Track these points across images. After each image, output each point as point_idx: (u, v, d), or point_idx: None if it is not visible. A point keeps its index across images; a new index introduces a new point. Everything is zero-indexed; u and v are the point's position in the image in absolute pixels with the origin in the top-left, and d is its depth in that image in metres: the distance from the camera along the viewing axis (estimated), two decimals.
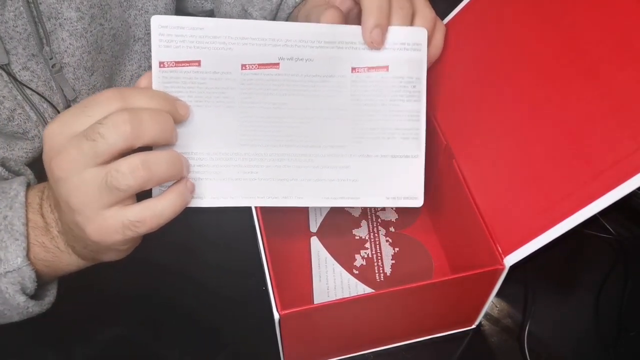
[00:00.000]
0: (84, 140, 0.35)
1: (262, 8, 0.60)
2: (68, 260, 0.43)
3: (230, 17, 0.64)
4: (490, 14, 0.49)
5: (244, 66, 0.43)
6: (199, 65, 0.42)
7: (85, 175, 0.36)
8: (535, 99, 0.43)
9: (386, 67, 0.45)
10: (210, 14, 0.69)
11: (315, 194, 0.44)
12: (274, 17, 0.60)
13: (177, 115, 0.40)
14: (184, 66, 0.42)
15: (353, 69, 0.44)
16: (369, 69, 0.45)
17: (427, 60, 0.46)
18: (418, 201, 0.46)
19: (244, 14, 0.62)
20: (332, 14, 0.46)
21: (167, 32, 0.42)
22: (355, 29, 0.44)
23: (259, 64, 0.43)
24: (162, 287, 0.53)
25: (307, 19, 0.50)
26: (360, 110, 0.45)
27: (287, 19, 0.60)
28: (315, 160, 0.44)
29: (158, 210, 0.38)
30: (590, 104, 0.39)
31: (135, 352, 0.49)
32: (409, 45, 0.45)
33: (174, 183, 0.40)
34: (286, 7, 0.59)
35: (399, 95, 0.45)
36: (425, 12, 0.46)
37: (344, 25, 0.44)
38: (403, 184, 0.45)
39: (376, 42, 0.44)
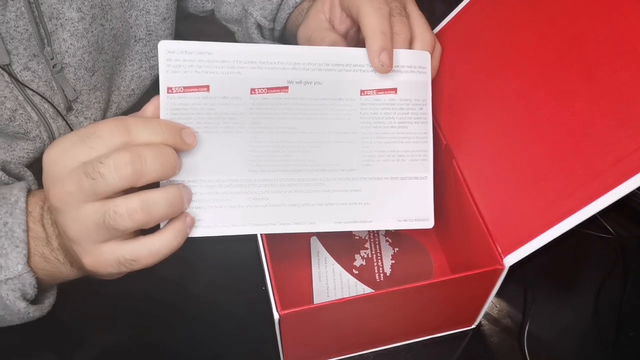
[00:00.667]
0: (83, 177, 0.35)
1: (262, 8, 0.60)
2: (68, 272, 0.43)
3: (231, 16, 0.64)
4: (490, 14, 0.49)
5: (253, 90, 0.42)
6: (208, 90, 0.41)
7: (82, 210, 0.36)
8: (535, 99, 0.43)
9: (395, 90, 0.45)
10: (211, 14, 0.69)
11: (327, 218, 0.44)
12: (274, 17, 0.60)
13: (183, 145, 0.39)
14: (192, 91, 0.41)
15: (362, 91, 0.44)
16: (378, 91, 0.45)
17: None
18: (429, 222, 0.47)
19: (245, 14, 0.62)
20: (333, 39, 0.47)
21: (175, 57, 0.41)
22: (362, 52, 0.44)
23: (267, 88, 0.42)
24: (161, 288, 0.53)
25: (309, 42, 0.50)
26: (370, 133, 0.45)
27: (287, 20, 0.60)
28: (326, 184, 0.44)
29: (154, 249, 0.38)
30: (589, 104, 0.39)
31: (134, 352, 0.49)
32: (415, 68, 0.45)
33: (173, 218, 0.39)
34: (287, 7, 0.59)
35: (407, 117, 0.45)
36: (425, 36, 0.47)
37: (352, 48, 0.44)
38: (413, 206, 0.46)
39: (386, 66, 0.43)
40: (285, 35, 0.63)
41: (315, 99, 0.43)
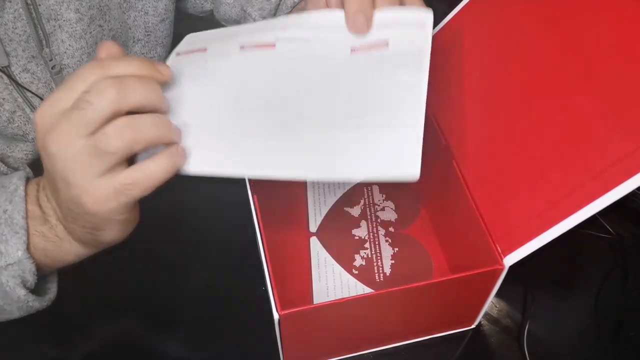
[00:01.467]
0: (73, 111, 0.36)
1: (261, 8, 0.60)
2: (68, 248, 0.43)
3: (230, 17, 0.64)
4: (489, 14, 0.49)
5: (242, 47, 0.44)
6: (205, 51, 0.45)
7: (77, 146, 0.36)
8: (534, 99, 0.43)
9: (386, 44, 0.43)
10: (210, 14, 0.69)
11: (310, 166, 0.41)
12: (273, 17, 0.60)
13: (158, 75, 0.39)
14: (192, 52, 0.46)
15: (352, 49, 0.43)
16: (369, 47, 0.43)
17: None
18: (414, 175, 0.40)
19: (243, 14, 0.62)
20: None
21: (192, 40, 0.47)
22: None
23: (256, 45, 0.44)
24: (161, 287, 0.53)
25: None
26: (358, 88, 0.43)
27: None
28: (310, 134, 0.42)
29: (148, 171, 0.38)
30: (589, 104, 0.39)
31: (134, 352, 0.49)
32: (412, 24, 0.43)
33: (165, 147, 0.39)
34: (284, 7, 0.59)
35: (399, 70, 0.43)
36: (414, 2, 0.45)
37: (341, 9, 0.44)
38: (399, 157, 0.41)
39: (360, 28, 0.43)
40: None
41: (303, 55, 0.43)
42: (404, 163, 0.40)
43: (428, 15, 0.43)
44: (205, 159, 0.41)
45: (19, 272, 0.41)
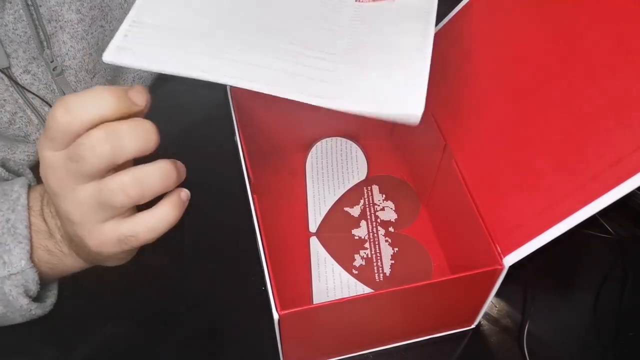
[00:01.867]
0: (68, 161, 0.35)
1: None
2: (72, 263, 0.43)
3: None
4: (490, 14, 0.49)
5: None
6: None
7: (78, 192, 0.36)
8: (534, 99, 0.43)
9: None
10: None
11: (291, 86, 0.37)
12: None
13: (134, 107, 0.35)
14: None
15: None
16: None
17: None
18: (416, 115, 0.36)
19: None
20: None
21: None
22: None
23: None
24: (161, 287, 0.53)
25: None
26: (364, 30, 0.41)
27: None
28: (299, 57, 0.39)
29: (150, 225, 0.37)
30: (589, 104, 0.39)
31: (134, 351, 0.49)
32: None
33: (168, 192, 0.38)
34: None
35: (406, 19, 0.41)
36: None
37: None
38: (403, 95, 0.37)
39: None
40: None
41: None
42: (408, 102, 0.37)
43: None
44: (186, 61, 0.37)
45: (22, 281, 0.40)
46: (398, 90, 0.37)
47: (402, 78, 0.38)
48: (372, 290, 0.52)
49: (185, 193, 0.39)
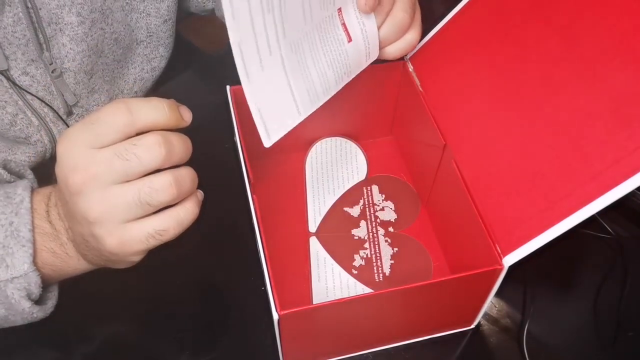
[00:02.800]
0: (115, 159, 0.36)
1: None
2: (76, 265, 0.43)
3: None
4: (489, 14, 0.49)
5: None
6: None
7: (110, 191, 0.37)
8: (534, 99, 0.43)
9: (350, 39, 0.49)
10: (211, 13, 0.69)
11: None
12: None
13: (182, 122, 0.40)
14: None
15: (339, 10, 0.47)
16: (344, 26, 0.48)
17: (399, 51, 0.51)
18: (266, 142, 0.47)
19: None
20: None
21: None
22: None
23: None
24: (160, 287, 0.53)
25: None
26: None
27: None
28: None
29: (180, 218, 0.40)
30: (589, 104, 0.39)
31: (133, 351, 0.49)
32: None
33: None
34: None
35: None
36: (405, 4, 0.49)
37: None
38: (271, 120, 0.46)
39: (369, 7, 0.46)
40: None
41: None
42: (270, 130, 0.47)
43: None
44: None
45: (24, 284, 0.41)
46: (273, 116, 0.46)
47: (282, 115, 0.47)
48: (372, 291, 0.52)
49: (201, 194, 0.42)
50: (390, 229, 0.56)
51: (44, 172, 0.51)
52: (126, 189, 0.37)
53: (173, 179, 0.38)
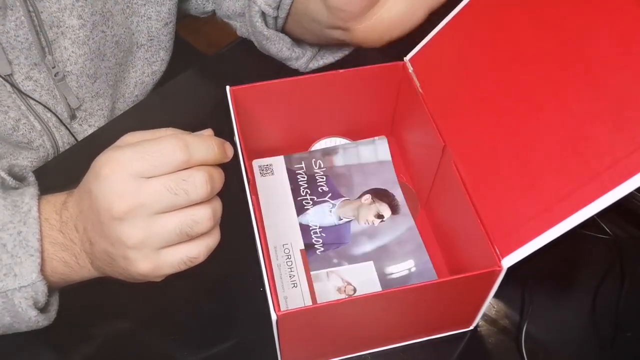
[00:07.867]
0: (164, 192, 0.38)
1: None
2: (85, 275, 0.44)
3: (234, 11, 0.63)
4: (488, 15, 0.49)
5: None
6: None
7: (154, 220, 0.38)
8: (533, 100, 0.43)
9: None
10: (212, 14, 0.69)
11: None
12: (278, 5, 0.59)
13: (226, 159, 0.42)
14: None
15: None
16: None
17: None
18: None
19: (248, 3, 0.60)
20: None
21: None
22: None
23: None
24: (159, 288, 0.53)
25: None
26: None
27: (290, 6, 0.58)
28: None
29: (210, 246, 0.41)
30: (588, 106, 0.40)
31: (133, 351, 0.49)
32: None
33: None
34: None
35: None
36: None
37: None
38: None
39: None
40: (287, 26, 0.62)
41: None
42: None
43: None
44: None
45: (31, 293, 0.41)
46: None
47: None
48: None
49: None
50: None
51: (45, 178, 0.51)
52: (170, 220, 0.38)
53: (212, 213, 0.40)
